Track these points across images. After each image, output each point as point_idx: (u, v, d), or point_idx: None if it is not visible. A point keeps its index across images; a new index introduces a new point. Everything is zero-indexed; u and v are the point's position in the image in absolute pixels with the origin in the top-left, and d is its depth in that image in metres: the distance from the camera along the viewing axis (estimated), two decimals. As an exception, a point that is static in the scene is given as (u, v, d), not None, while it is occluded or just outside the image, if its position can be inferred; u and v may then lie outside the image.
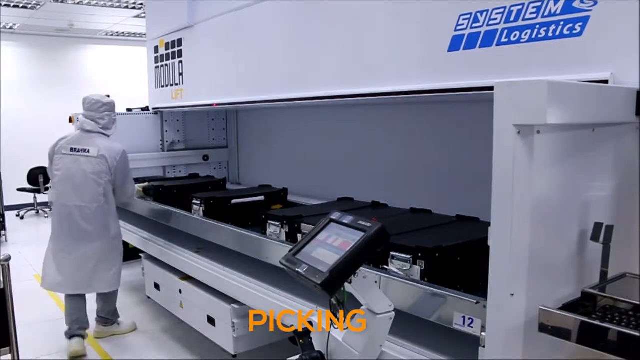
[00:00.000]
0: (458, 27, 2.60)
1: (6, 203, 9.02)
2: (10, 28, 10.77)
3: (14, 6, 8.90)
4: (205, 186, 5.10)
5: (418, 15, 2.83)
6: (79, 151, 4.23)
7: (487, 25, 2.46)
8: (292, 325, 2.19)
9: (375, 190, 3.99)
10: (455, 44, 2.63)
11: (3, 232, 8.68)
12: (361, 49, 3.22)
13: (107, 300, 4.64)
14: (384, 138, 4.16)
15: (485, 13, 2.46)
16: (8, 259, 2.59)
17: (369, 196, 3.87)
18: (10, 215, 9.85)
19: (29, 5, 8.89)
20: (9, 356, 2.57)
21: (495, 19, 2.43)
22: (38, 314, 5.28)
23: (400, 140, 4.02)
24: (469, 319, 2.02)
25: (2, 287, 2.57)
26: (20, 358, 2.67)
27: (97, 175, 4.23)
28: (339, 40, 3.37)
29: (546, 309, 1.64)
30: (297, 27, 3.71)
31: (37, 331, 4.88)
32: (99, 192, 4.25)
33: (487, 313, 1.80)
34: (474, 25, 2.52)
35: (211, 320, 3.81)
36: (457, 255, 2.44)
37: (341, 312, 1.97)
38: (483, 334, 1.86)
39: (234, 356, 3.66)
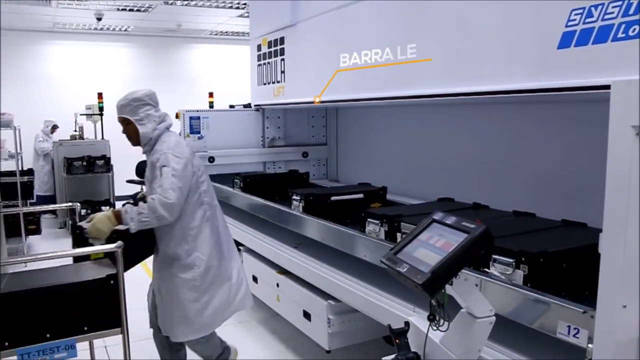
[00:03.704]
0: (569, 23, 2.48)
1: (116, 193, 9.55)
2: (125, 30, 11.42)
3: (129, 10, 9.43)
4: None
5: (526, 11, 2.73)
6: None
7: (602, 20, 2.33)
8: (389, 324, 2.18)
9: (476, 191, 3.90)
10: (565, 41, 2.51)
11: (113, 221, 9.21)
12: (465, 47, 3.15)
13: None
14: (486, 138, 4.05)
15: (600, 7, 2.33)
16: (121, 246, 2.73)
17: (469, 197, 3.79)
18: (119, 205, 10.40)
19: (142, 9, 9.39)
20: (120, 337, 2.72)
21: (612, 12, 2.29)
22: (142, 300, 5.56)
23: (503, 140, 3.90)
24: (575, 328, 1.94)
25: (115, 272, 2.72)
26: (130, 339, 2.82)
27: None
28: (441, 38, 3.31)
29: (664, 323, 1.55)
30: (399, 25, 3.68)
31: (143, 315, 5.14)
32: None
33: (596, 324, 1.72)
34: (587, 20, 2.40)
35: (307, 315, 3.87)
36: (563, 261, 2.34)
37: (440, 313, 1.94)
38: (590, 345, 1.79)
39: (328, 352, 3.70)
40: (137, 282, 5.95)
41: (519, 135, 3.78)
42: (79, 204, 4.31)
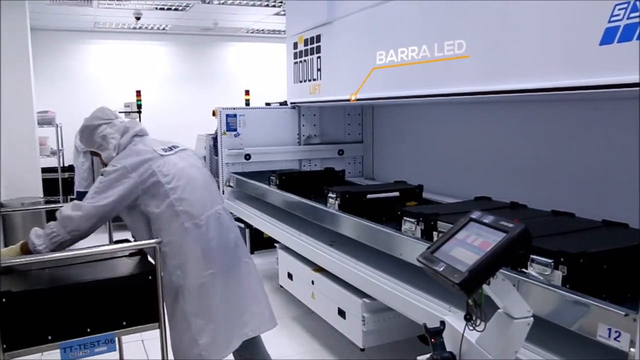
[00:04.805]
0: (612, 19, 2.43)
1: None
2: (163, 29, 11.58)
3: (167, 9, 9.56)
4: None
5: (566, 7, 2.68)
6: (172, 149, 3.13)
7: (648, 15, 2.28)
8: (424, 323, 2.17)
9: (514, 190, 3.84)
10: (608, 37, 2.46)
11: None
12: (503, 44, 3.11)
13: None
14: (524, 136, 3.99)
15: (645, 2, 2.28)
16: (160, 241, 2.77)
17: (506, 196, 3.73)
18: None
19: (180, 7, 9.51)
20: (158, 331, 2.76)
21: (658, 7, 2.24)
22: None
23: (542, 138, 3.84)
24: (616, 331, 1.89)
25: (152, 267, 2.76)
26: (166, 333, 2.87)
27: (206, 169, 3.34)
28: (479, 35, 3.28)
29: None
30: (436, 22, 3.66)
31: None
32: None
33: (639, 327, 1.68)
34: (631, 15, 2.35)
35: (342, 313, 3.87)
36: (603, 262, 2.29)
37: (477, 313, 1.92)
38: (632, 349, 1.74)
39: (363, 350, 3.69)
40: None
41: (557, 134, 3.71)
42: (117, 200, 4.37)
